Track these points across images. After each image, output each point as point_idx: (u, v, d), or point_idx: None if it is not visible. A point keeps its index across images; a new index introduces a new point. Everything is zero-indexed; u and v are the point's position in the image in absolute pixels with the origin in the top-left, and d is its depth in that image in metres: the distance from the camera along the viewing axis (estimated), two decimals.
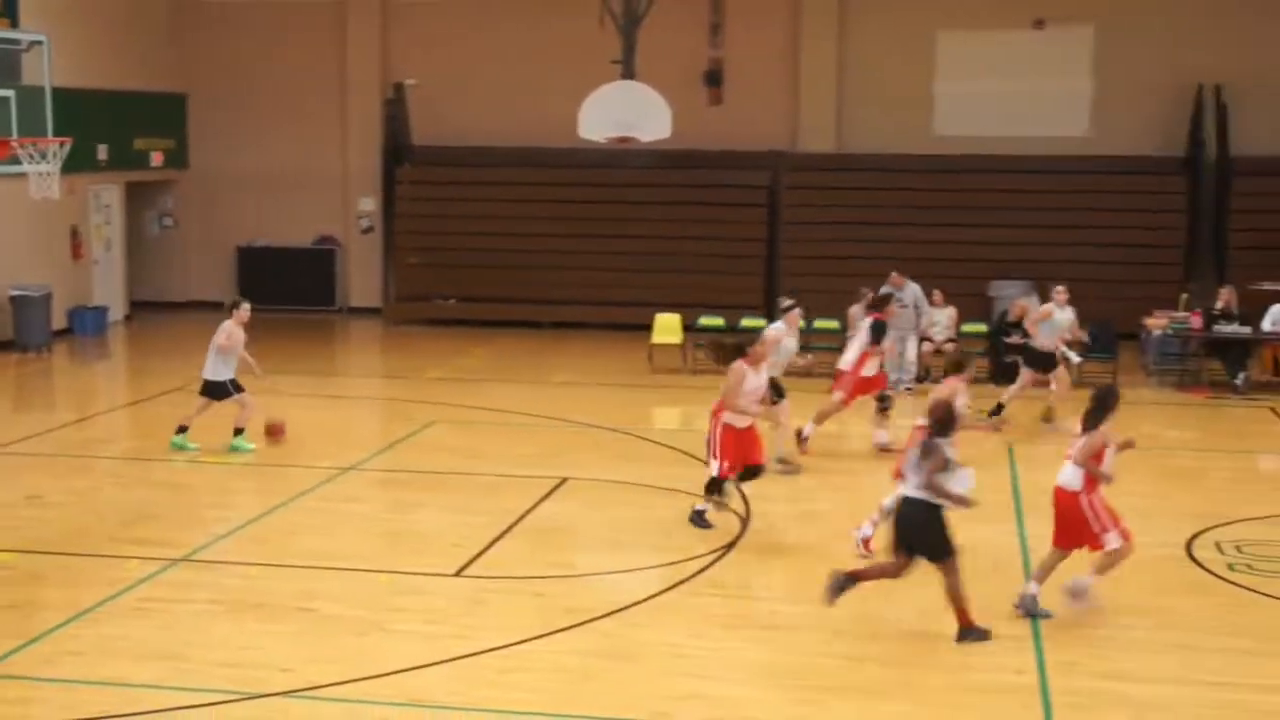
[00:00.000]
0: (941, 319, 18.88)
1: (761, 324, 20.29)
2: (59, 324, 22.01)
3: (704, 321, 20.17)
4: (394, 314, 24.79)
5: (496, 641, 8.72)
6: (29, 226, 21.21)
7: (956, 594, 8.81)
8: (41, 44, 17.00)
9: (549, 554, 10.79)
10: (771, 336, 12.86)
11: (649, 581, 10.11)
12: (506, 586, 9.96)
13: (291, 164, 25.42)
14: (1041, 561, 9.52)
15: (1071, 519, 9.18)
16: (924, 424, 9.44)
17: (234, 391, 13.95)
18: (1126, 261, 22.10)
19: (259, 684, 8.06)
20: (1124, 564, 9.29)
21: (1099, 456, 9.09)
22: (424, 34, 25.13)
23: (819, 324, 19.62)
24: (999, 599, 9.33)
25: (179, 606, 9.45)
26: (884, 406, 14.45)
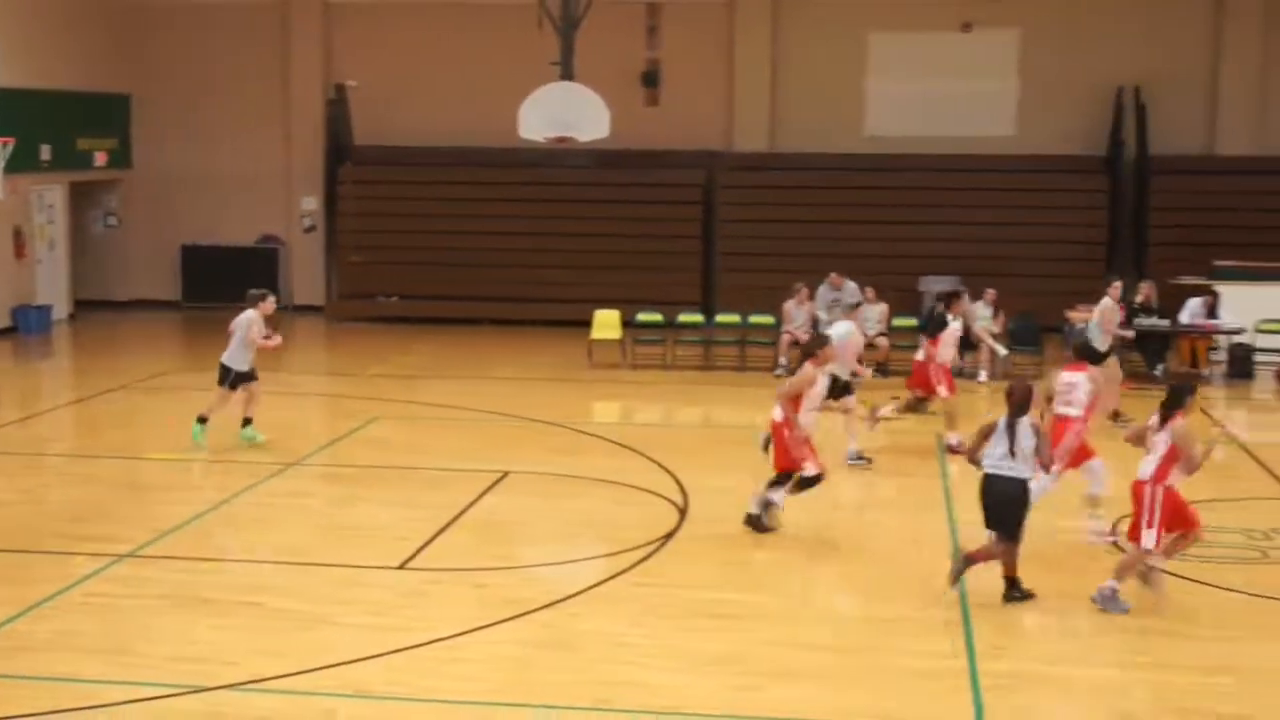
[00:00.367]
0: (873, 314, 19.30)
1: (699, 319, 20.81)
2: (2, 323, 22.01)
3: (642, 318, 20.43)
4: (337, 312, 24.91)
5: (439, 633, 8.82)
6: None
7: (1012, 566, 9.41)
8: None
9: (490, 546, 10.92)
10: (839, 339, 12.75)
11: (589, 572, 10.22)
12: (449, 579, 10.07)
13: (235, 164, 25.45)
14: (1121, 559, 9.67)
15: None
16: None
17: (247, 380, 14.13)
18: (1050, 257, 22.63)
19: (205, 677, 8.10)
20: (1106, 549, 9.77)
21: (1193, 452, 9.19)
22: (365, 36, 25.25)
23: (754, 319, 20.07)
24: (934, 580, 9.66)
25: (126, 602, 9.49)
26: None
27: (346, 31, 25.40)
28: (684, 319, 20.60)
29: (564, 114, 18.98)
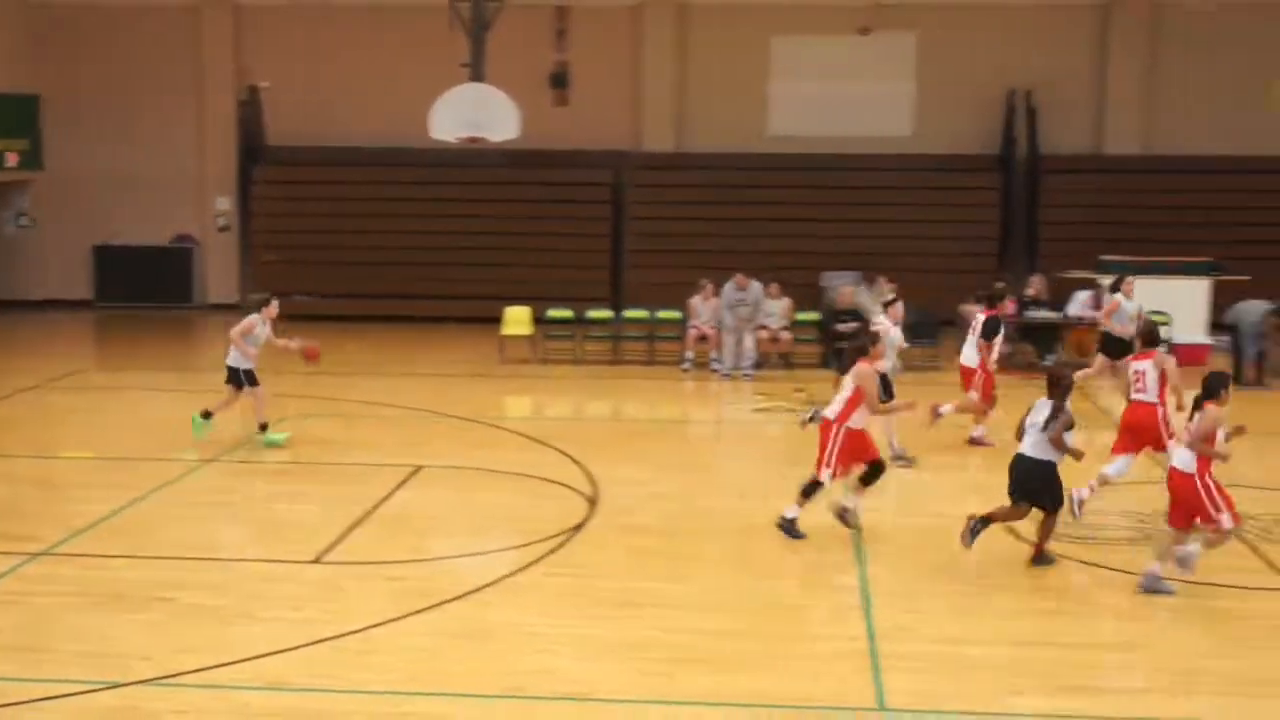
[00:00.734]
0: (777, 309, 19.80)
1: (608, 315, 21.17)
2: None
3: (552, 314, 20.66)
4: (251, 310, 24.82)
5: (354, 625, 8.91)
6: None
7: (1048, 534, 10.20)
8: None
9: (403, 540, 11.03)
10: (884, 335, 12.59)
11: (501, 563, 10.31)
12: (362, 572, 10.15)
13: (148, 164, 25.36)
14: (1159, 544, 9.98)
15: (1186, 500, 9.53)
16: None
17: (249, 384, 14.27)
18: (947, 253, 23.29)
19: (120, 673, 8.10)
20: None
21: (1210, 439, 9.45)
22: (277, 37, 25.28)
23: (662, 315, 20.44)
24: (839, 565, 10.10)
25: (39, 599, 9.47)
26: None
27: (258, 33, 25.40)
28: (593, 315, 20.93)
29: (475, 115, 19.22)
